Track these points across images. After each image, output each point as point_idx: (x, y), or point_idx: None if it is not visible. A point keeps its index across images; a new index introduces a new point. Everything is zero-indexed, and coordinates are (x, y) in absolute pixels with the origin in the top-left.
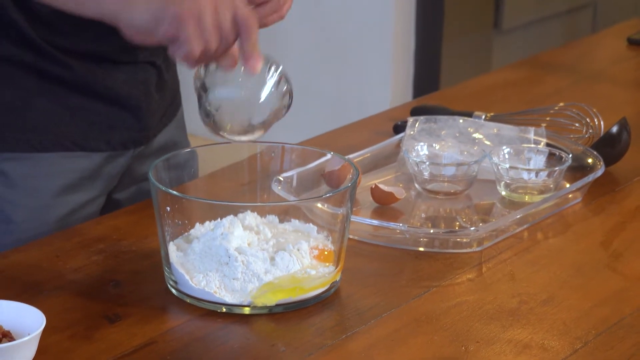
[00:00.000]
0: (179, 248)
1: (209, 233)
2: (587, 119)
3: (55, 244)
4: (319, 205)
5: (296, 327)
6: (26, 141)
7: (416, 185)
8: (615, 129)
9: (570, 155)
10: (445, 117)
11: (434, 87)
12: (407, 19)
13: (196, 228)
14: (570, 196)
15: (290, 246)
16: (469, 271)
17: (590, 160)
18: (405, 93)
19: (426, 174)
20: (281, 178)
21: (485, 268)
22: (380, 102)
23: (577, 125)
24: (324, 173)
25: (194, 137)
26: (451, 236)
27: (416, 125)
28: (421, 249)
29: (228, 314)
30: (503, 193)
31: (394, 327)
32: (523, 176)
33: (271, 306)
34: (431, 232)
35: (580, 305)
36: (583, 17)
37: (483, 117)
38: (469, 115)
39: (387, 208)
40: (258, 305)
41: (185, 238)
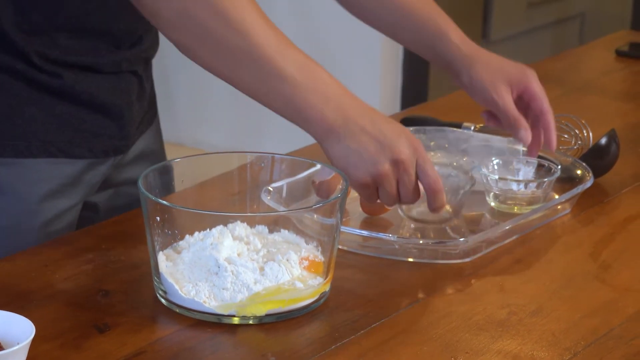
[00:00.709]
0: (169, 258)
1: (199, 243)
2: (576, 130)
3: (43, 254)
4: (309, 215)
5: (286, 338)
6: (13, 147)
7: (399, 211)
8: (604, 141)
9: (559, 166)
10: (434, 128)
11: (422, 98)
12: None
13: (186, 238)
14: (559, 207)
15: (279, 257)
16: (459, 282)
17: (579, 171)
18: (393, 104)
19: None
20: (271, 188)
21: (474, 279)
22: None
23: (566, 136)
24: (314, 183)
25: (172, 146)
26: (440, 247)
27: None
28: (410, 260)
29: (217, 324)
30: (492, 204)
31: (384, 338)
32: (512, 187)
33: (261, 316)
34: (420, 243)
35: (569, 316)
36: (571, 29)
37: (472, 128)
38: (458, 126)
39: (377, 219)
40: (247, 315)
41: (174, 248)
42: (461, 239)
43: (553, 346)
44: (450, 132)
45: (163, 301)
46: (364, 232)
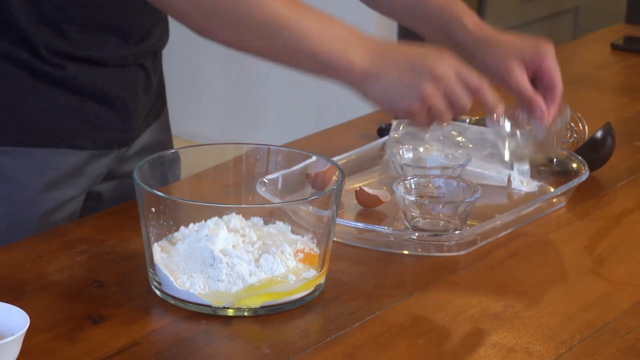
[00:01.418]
0: (164, 249)
1: (194, 234)
2: (572, 124)
3: (38, 245)
4: (304, 207)
5: (280, 330)
6: (16, 136)
7: (406, 223)
8: (599, 134)
9: (554, 159)
10: None
11: None
12: (390, 23)
13: (181, 229)
14: (554, 200)
15: (274, 249)
16: (454, 275)
17: (574, 164)
18: None
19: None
20: (266, 180)
21: (469, 272)
22: (362, 107)
23: None
24: (309, 175)
25: (179, 140)
26: (436, 240)
27: (400, 128)
28: (406, 252)
29: (212, 316)
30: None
31: (379, 331)
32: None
33: (255, 308)
34: (416, 236)
35: (564, 309)
36: (565, 22)
37: (467, 121)
38: (453, 118)
39: (372, 211)
40: (242, 307)
41: (169, 239)
42: (456, 232)
43: (548, 340)
44: (445, 125)
45: (158, 293)
46: (359, 225)
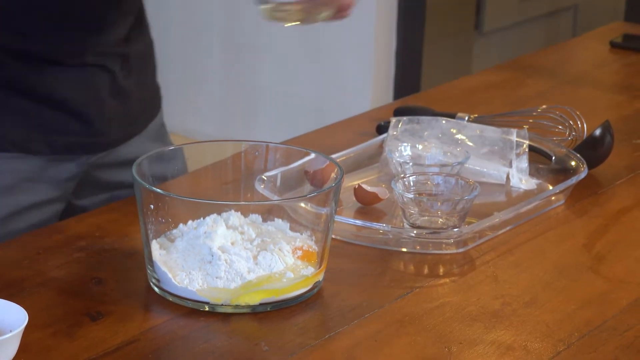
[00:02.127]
0: (162, 246)
1: (192, 231)
2: (570, 122)
3: (36, 241)
4: (303, 204)
5: (279, 327)
6: None
7: (404, 220)
8: (598, 132)
9: (553, 157)
10: (428, 118)
11: (415, 89)
12: (389, 21)
13: (179, 226)
14: (553, 198)
15: (273, 246)
16: (452, 272)
17: (573, 162)
18: (386, 95)
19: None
20: (265, 177)
21: (468, 269)
22: (360, 104)
23: (560, 127)
24: (308, 172)
25: (177, 137)
26: (434, 237)
27: (399, 125)
28: (404, 250)
29: (211, 313)
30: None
31: (377, 328)
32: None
33: (254, 305)
34: (414, 233)
35: (563, 307)
36: (564, 20)
37: (466, 119)
38: (452, 116)
39: (370, 208)
40: (241, 304)
41: (168, 236)
42: (455, 230)
43: (547, 337)
44: (444, 122)
45: (156, 289)
46: (358, 222)
